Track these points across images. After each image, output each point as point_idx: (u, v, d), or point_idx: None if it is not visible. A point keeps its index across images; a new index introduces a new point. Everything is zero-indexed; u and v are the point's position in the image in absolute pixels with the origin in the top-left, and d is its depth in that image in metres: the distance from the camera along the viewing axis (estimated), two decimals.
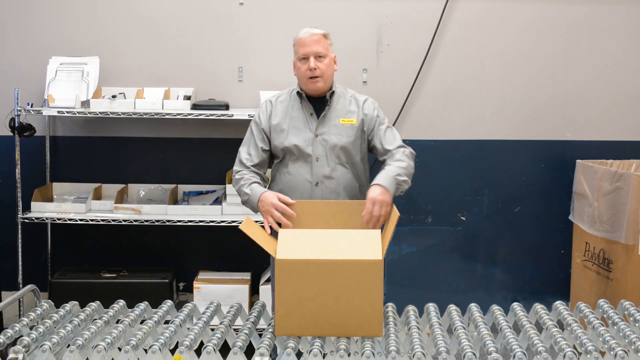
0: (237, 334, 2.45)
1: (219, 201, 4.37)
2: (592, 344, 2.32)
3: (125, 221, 4.17)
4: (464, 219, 4.62)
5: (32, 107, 4.12)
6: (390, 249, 2.53)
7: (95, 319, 2.55)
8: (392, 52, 4.51)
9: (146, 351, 2.30)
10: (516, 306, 2.68)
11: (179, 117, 4.16)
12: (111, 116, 4.16)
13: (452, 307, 2.68)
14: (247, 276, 4.36)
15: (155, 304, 2.75)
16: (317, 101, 3.12)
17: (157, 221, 4.17)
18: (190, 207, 4.28)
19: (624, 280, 3.84)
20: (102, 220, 4.16)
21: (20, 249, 4.17)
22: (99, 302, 2.71)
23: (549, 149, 4.60)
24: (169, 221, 4.17)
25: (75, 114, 4.13)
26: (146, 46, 4.49)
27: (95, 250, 4.59)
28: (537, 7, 4.51)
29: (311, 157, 3.06)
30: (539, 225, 4.64)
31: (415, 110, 4.56)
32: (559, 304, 2.72)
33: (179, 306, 2.75)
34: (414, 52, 4.51)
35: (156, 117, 4.16)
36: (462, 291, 4.65)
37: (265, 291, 4.17)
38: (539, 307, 2.69)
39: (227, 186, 4.25)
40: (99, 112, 4.13)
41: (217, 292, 4.18)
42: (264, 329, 2.54)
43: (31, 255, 4.44)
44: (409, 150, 3.10)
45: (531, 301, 2.90)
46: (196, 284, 4.25)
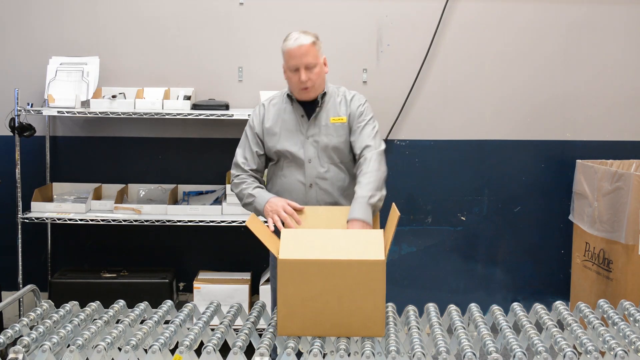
0: (237, 334, 2.45)
1: (219, 201, 4.37)
2: (592, 344, 2.32)
3: (125, 221, 4.17)
4: (464, 219, 4.62)
5: (32, 107, 4.12)
6: (390, 249, 2.54)
7: (95, 319, 2.55)
8: (392, 52, 4.51)
9: (146, 351, 2.30)
10: (516, 306, 2.68)
11: (179, 117, 4.16)
12: (111, 116, 4.16)
13: (452, 307, 2.68)
14: (247, 276, 4.36)
15: (155, 304, 2.75)
16: (308, 103, 3.10)
17: (157, 221, 4.17)
18: (190, 207, 4.28)
19: (624, 280, 3.84)
20: (102, 220, 4.16)
21: (20, 249, 4.17)
22: (99, 302, 2.71)
23: (549, 149, 4.60)
24: (169, 221, 4.17)
25: (75, 114, 4.13)
26: (146, 46, 4.49)
27: (95, 250, 4.59)
28: (537, 7, 4.51)
29: (303, 159, 3.06)
30: (539, 225, 4.64)
31: (415, 110, 4.56)
32: (559, 304, 2.72)
33: (179, 306, 2.75)
34: (414, 52, 4.51)
35: (156, 117, 4.16)
36: (462, 291, 4.65)
37: (265, 291, 4.17)
38: (539, 307, 2.69)
39: (227, 186, 4.25)
40: (99, 112, 4.13)
41: (217, 292, 4.18)
42: (264, 329, 2.54)
43: (31, 255, 4.44)
44: (378, 151, 3.02)
45: (531, 301, 2.90)
46: (196, 284, 4.25)
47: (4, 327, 3.84)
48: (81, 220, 4.17)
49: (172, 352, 2.35)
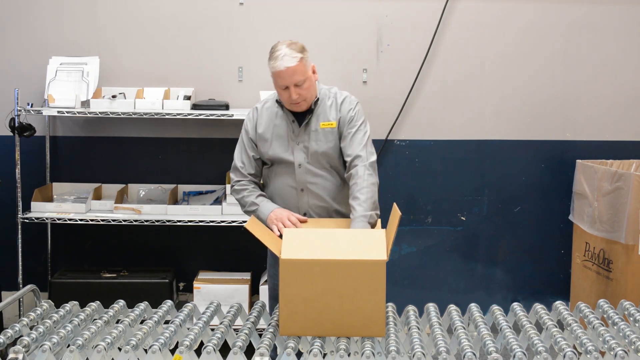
0: (237, 334, 2.45)
1: (219, 201, 4.37)
2: (592, 344, 2.32)
3: (125, 221, 4.17)
4: (464, 219, 4.62)
5: (32, 107, 4.12)
6: (391, 249, 2.54)
7: (95, 319, 2.55)
8: (392, 52, 4.51)
9: (146, 351, 2.30)
10: (516, 306, 2.68)
11: (179, 117, 4.16)
12: (111, 116, 4.16)
13: (452, 307, 2.68)
14: (247, 276, 4.36)
15: (155, 304, 2.75)
16: None
17: (157, 221, 4.17)
18: (190, 207, 4.28)
19: (624, 280, 3.84)
20: (102, 220, 4.16)
21: (20, 249, 4.17)
22: (99, 302, 2.71)
23: (549, 149, 4.60)
24: (169, 221, 4.17)
25: (75, 114, 4.13)
26: (146, 46, 4.48)
27: (95, 250, 4.59)
28: (537, 7, 4.51)
29: (294, 164, 3.05)
30: (539, 225, 4.64)
31: (415, 110, 4.56)
32: (559, 304, 2.72)
33: (179, 306, 2.75)
34: (414, 52, 4.51)
35: (156, 117, 4.16)
36: (462, 291, 4.65)
37: (265, 291, 4.17)
38: (539, 307, 2.69)
39: (227, 186, 4.25)
40: (99, 112, 4.13)
41: (217, 292, 4.18)
42: (264, 329, 2.54)
43: (31, 255, 4.43)
44: (370, 162, 2.97)
45: (531, 301, 2.90)
46: (196, 284, 4.25)
47: (4, 327, 3.84)
48: (81, 220, 4.17)
49: (172, 352, 2.35)
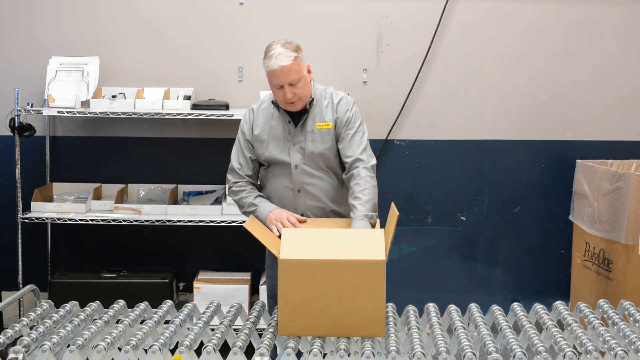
0: (237, 334, 2.45)
1: (219, 201, 4.37)
2: (592, 344, 2.32)
3: (125, 221, 4.17)
4: (464, 219, 4.62)
5: (32, 107, 4.12)
6: (390, 249, 2.53)
7: (95, 319, 2.55)
8: (392, 52, 4.51)
9: (146, 351, 2.30)
10: (516, 306, 2.68)
11: (179, 117, 4.16)
12: (111, 116, 4.16)
13: (452, 307, 2.68)
14: (247, 276, 4.36)
15: (155, 304, 2.75)
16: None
17: (157, 221, 4.17)
18: (190, 207, 4.28)
19: (624, 280, 3.84)
20: (102, 220, 4.16)
21: (20, 249, 4.18)
22: (99, 302, 2.71)
23: (549, 149, 4.60)
24: (169, 221, 4.17)
25: (75, 114, 4.13)
26: (146, 46, 4.49)
27: (95, 250, 4.59)
28: (537, 7, 4.51)
29: (290, 165, 3.05)
30: (539, 225, 4.64)
31: (415, 110, 4.56)
32: (559, 304, 2.72)
33: (179, 306, 2.75)
34: (414, 52, 4.51)
35: (156, 117, 4.16)
36: (462, 291, 4.65)
37: (265, 291, 4.17)
38: (539, 307, 2.69)
39: (227, 186, 4.24)
40: (99, 112, 4.13)
41: (217, 292, 4.18)
42: (264, 329, 2.54)
43: (31, 255, 4.43)
44: (369, 165, 2.98)
45: (531, 301, 2.90)
46: (196, 284, 4.25)
47: (4, 327, 3.84)
48: (81, 220, 4.17)
49: (172, 352, 2.35)
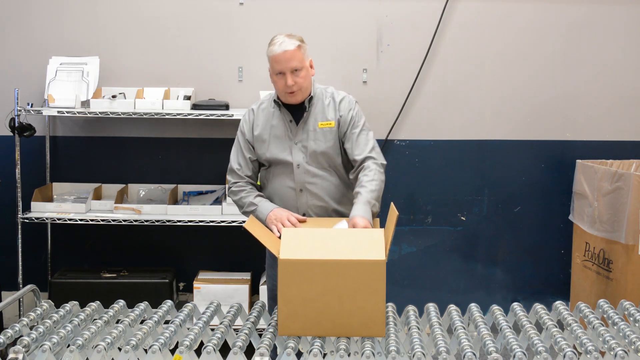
0: (237, 334, 2.45)
1: (219, 201, 4.37)
2: (592, 344, 2.32)
3: (125, 221, 4.17)
4: (464, 219, 4.62)
5: (32, 107, 4.12)
6: (390, 249, 2.54)
7: (95, 319, 2.55)
8: (392, 52, 4.51)
9: (146, 351, 2.30)
10: (516, 306, 2.68)
11: (179, 117, 4.16)
12: (111, 116, 4.16)
13: (452, 307, 2.68)
14: (247, 276, 4.36)
15: (155, 304, 2.75)
16: (296, 107, 3.06)
17: (157, 221, 4.17)
18: (190, 207, 4.28)
19: (624, 280, 3.84)
20: (102, 220, 4.16)
21: (20, 249, 4.18)
22: (99, 302, 2.71)
23: (549, 149, 4.60)
24: (169, 221, 4.17)
25: (75, 114, 4.14)
26: (146, 46, 4.49)
27: (95, 250, 4.59)
28: (537, 7, 4.51)
29: (292, 165, 3.05)
30: (539, 225, 4.64)
31: (415, 110, 4.56)
32: (559, 304, 2.72)
33: (179, 306, 2.75)
34: (414, 52, 4.51)
35: (156, 117, 4.16)
36: (462, 291, 4.65)
37: (265, 291, 4.17)
38: (539, 307, 2.69)
39: (227, 187, 4.25)
40: (99, 112, 4.13)
41: (217, 292, 4.18)
42: (264, 329, 2.54)
43: (31, 255, 4.44)
44: (379, 162, 3.00)
45: (531, 301, 2.90)
46: (196, 284, 4.25)
47: (4, 327, 3.84)
48: (81, 220, 4.17)
49: (172, 352, 2.35)
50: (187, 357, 2.33)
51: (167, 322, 2.55)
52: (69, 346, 2.33)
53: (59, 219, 4.18)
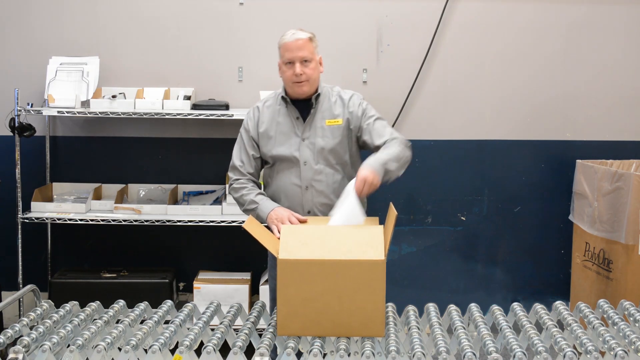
0: (237, 334, 2.45)
1: (219, 201, 4.37)
2: (592, 344, 2.32)
3: (125, 221, 4.17)
4: (464, 219, 4.62)
5: (32, 107, 4.12)
6: (390, 249, 2.54)
7: (95, 319, 2.55)
8: (392, 52, 4.51)
9: (146, 351, 2.30)
10: (516, 306, 2.68)
11: (179, 117, 4.16)
12: (111, 116, 4.16)
13: (452, 307, 2.68)
14: (247, 276, 4.36)
15: (155, 304, 2.75)
16: (303, 104, 3.08)
17: (157, 221, 4.17)
18: (190, 207, 4.28)
19: (624, 280, 3.84)
20: (102, 220, 4.16)
21: (20, 249, 4.18)
22: (99, 302, 2.71)
23: (549, 149, 4.60)
24: (169, 221, 4.17)
25: (75, 114, 4.14)
26: (146, 46, 4.49)
27: (95, 250, 4.59)
28: (537, 7, 4.51)
29: (299, 162, 3.05)
30: (539, 225, 4.64)
31: (415, 110, 4.56)
32: (559, 304, 2.72)
33: (179, 306, 2.75)
34: (414, 52, 4.51)
35: (156, 117, 4.16)
36: (462, 291, 4.65)
37: (265, 291, 4.17)
38: (539, 307, 2.69)
39: (227, 186, 4.23)
40: (99, 112, 4.13)
41: (217, 292, 4.18)
42: (264, 329, 2.54)
43: (31, 255, 4.44)
44: (402, 138, 3.03)
45: (531, 301, 2.89)
46: (196, 284, 4.25)
47: (4, 327, 3.84)
48: (81, 220, 4.17)
49: (172, 352, 2.35)
50: (187, 357, 2.33)
51: (167, 322, 2.55)
52: (69, 346, 2.33)
53: (59, 219, 4.18)
